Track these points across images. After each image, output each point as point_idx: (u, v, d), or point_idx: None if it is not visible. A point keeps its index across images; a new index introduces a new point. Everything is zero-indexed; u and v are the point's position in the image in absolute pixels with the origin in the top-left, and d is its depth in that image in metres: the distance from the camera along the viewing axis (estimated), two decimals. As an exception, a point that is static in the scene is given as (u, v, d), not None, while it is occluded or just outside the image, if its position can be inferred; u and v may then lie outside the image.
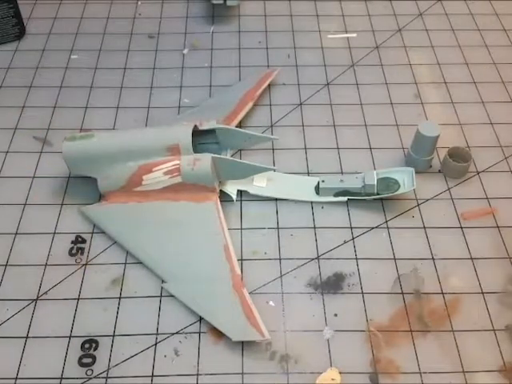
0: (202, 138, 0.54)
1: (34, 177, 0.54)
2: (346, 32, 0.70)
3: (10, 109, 0.60)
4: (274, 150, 0.56)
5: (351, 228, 0.50)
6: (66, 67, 0.65)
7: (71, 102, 0.61)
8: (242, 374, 0.42)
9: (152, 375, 0.42)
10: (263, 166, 0.50)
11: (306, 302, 0.46)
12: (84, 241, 0.49)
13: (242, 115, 0.57)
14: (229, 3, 0.69)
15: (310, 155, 0.56)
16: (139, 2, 0.74)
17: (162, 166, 0.49)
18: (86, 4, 0.73)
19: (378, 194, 0.51)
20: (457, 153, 0.54)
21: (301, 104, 0.61)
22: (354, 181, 0.51)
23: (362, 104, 0.61)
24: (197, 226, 0.49)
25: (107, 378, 0.42)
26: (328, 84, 0.63)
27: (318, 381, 0.42)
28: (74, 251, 0.49)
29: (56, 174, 0.54)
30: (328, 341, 0.44)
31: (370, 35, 0.69)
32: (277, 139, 0.55)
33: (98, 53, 0.67)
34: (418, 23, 0.71)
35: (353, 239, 0.50)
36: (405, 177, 0.51)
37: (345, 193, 0.52)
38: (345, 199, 0.52)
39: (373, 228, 0.50)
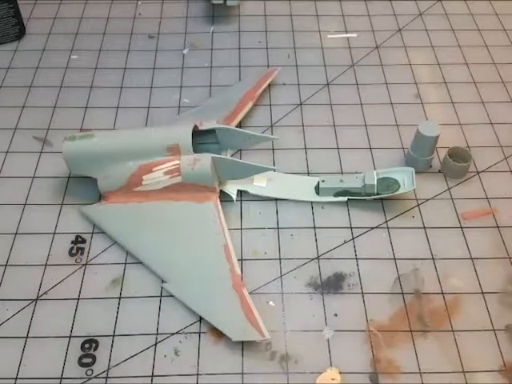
0: (201, 138, 0.54)
1: (34, 177, 0.54)
2: (346, 32, 0.70)
3: (9, 109, 0.60)
4: (273, 149, 0.56)
5: (351, 228, 0.50)
6: (66, 67, 0.65)
7: (71, 102, 0.61)
8: (242, 373, 0.42)
9: (152, 375, 0.42)
10: (263, 166, 0.50)
11: (306, 301, 0.46)
12: (84, 241, 0.49)
13: (241, 115, 0.57)
14: (229, 3, 0.69)
15: (310, 155, 0.56)
16: (139, 2, 0.74)
17: (162, 166, 0.49)
18: (86, 4, 0.73)
19: (378, 194, 0.51)
20: (457, 153, 0.54)
21: (301, 104, 0.61)
22: (354, 181, 0.51)
23: (362, 104, 0.61)
24: (197, 225, 0.48)
25: (107, 378, 0.42)
26: (328, 84, 0.63)
27: (318, 381, 0.42)
28: (73, 251, 0.49)
29: (56, 174, 0.54)
30: (328, 341, 0.44)
31: (370, 35, 0.69)
32: (277, 139, 0.55)
33: (97, 53, 0.67)
34: (418, 23, 0.71)
35: (353, 239, 0.50)
36: (405, 177, 0.51)
37: (345, 193, 0.52)
38: (345, 199, 0.52)
39: (373, 228, 0.50)
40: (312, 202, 0.52)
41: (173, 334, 0.44)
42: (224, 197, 0.51)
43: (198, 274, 0.46)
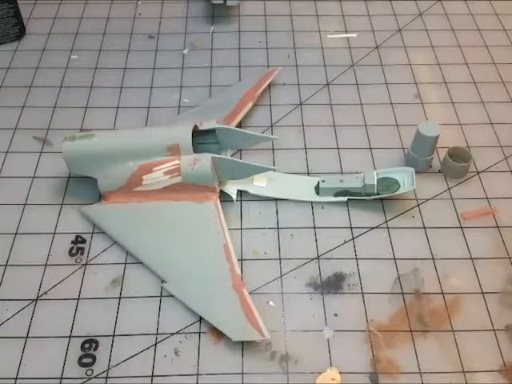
0: (201, 138, 0.54)
1: (34, 177, 0.54)
2: (346, 32, 0.70)
3: (9, 109, 0.60)
4: (273, 149, 0.56)
5: (351, 228, 0.50)
6: (66, 67, 0.65)
7: (71, 102, 0.61)
8: (242, 374, 0.42)
9: (152, 375, 0.42)
10: (263, 166, 0.50)
11: (306, 301, 0.46)
12: (84, 241, 0.49)
13: (241, 115, 0.57)
14: (229, 3, 0.69)
15: (310, 155, 0.56)
16: (139, 2, 0.74)
17: (162, 166, 0.49)
18: (86, 4, 0.73)
19: (378, 194, 0.51)
20: (457, 153, 0.54)
21: (301, 104, 0.61)
22: (354, 181, 0.51)
23: (362, 104, 0.61)
24: (197, 225, 0.48)
25: (107, 378, 0.42)
26: (328, 84, 0.63)
27: (318, 381, 0.42)
28: (74, 251, 0.49)
29: (56, 174, 0.54)
30: (328, 341, 0.44)
31: (370, 35, 0.69)
32: (277, 139, 0.55)
33: (97, 53, 0.67)
34: (418, 23, 0.71)
35: (353, 239, 0.50)
36: (405, 177, 0.51)
37: (345, 193, 0.52)
38: (345, 199, 0.52)
39: (373, 228, 0.50)
40: (312, 202, 0.52)
41: (173, 333, 0.44)
42: (224, 197, 0.51)
43: (198, 274, 0.46)
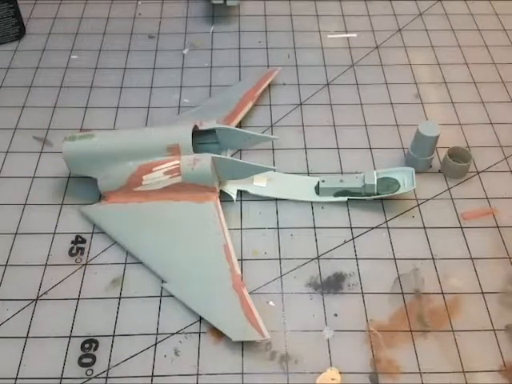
0: (201, 138, 0.54)
1: (34, 177, 0.54)
2: (346, 32, 0.70)
3: (9, 109, 0.60)
4: (273, 149, 0.56)
5: (351, 228, 0.50)
6: (66, 67, 0.65)
7: (71, 102, 0.61)
8: (242, 373, 0.42)
9: (152, 375, 0.42)
10: (263, 166, 0.50)
11: (306, 301, 0.46)
12: (84, 241, 0.49)
13: (241, 115, 0.57)
14: (229, 3, 0.69)
15: (310, 155, 0.56)
16: (139, 2, 0.74)
17: (162, 166, 0.49)
18: (86, 4, 0.73)
19: (378, 194, 0.51)
20: (457, 153, 0.54)
21: (301, 104, 0.61)
22: (354, 181, 0.51)
23: (362, 104, 0.61)
24: (197, 225, 0.48)
25: (107, 378, 0.42)
26: (328, 84, 0.63)
27: (318, 381, 0.42)
28: (73, 251, 0.49)
29: (56, 174, 0.54)
30: (328, 341, 0.44)
31: (370, 35, 0.69)
32: (277, 139, 0.55)
33: (97, 53, 0.67)
34: (418, 23, 0.71)
35: (353, 239, 0.50)
36: (405, 177, 0.51)
37: (345, 193, 0.52)
38: (345, 199, 0.52)
39: (373, 228, 0.50)
40: (312, 202, 0.52)
41: (173, 333, 0.44)
42: (224, 197, 0.51)
43: (197, 274, 0.46)
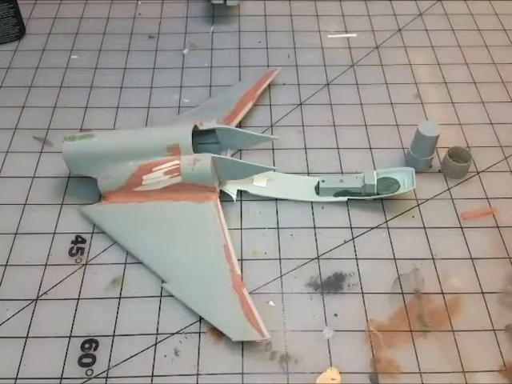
0: (201, 138, 0.54)
1: (34, 177, 0.54)
2: (346, 32, 0.70)
3: (9, 109, 0.60)
4: (273, 149, 0.56)
5: (351, 228, 0.50)
6: (66, 67, 0.65)
7: (71, 102, 0.61)
8: (242, 373, 0.42)
9: (152, 375, 0.42)
10: (263, 166, 0.50)
11: (306, 301, 0.46)
12: (84, 241, 0.49)
13: (241, 115, 0.57)
14: (229, 3, 0.69)
15: (310, 155, 0.56)
16: (139, 2, 0.74)
17: (162, 166, 0.49)
18: (86, 4, 0.73)
19: (378, 194, 0.51)
20: (457, 153, 0.54)
21: (301, 104, 0.61)
22: (354, 181, 0.51)
23: (362, 104, 0.61)
24: (197, 225, 0.48)
25: (107, 378, 0.42)
26: (328, 84, 0.63)
27: (318, 381, 0.42)
28: (74, 251, 0.49)
29: (56, 174, 0.54)
30: (328, 341, 0.44)
31: (370, 35, 0.69)
32: (277, 139, 0.55)
33: (97, 53, 0.67)
34: (418, 23, 0.71)
35: (353, 239, 0.50)
36: (405, 177, 0.51)
37: (345, 193, 0.52)
38: (345, 199, 0.52)
39: (373, 228, 0.50)
40: (312, 202, 0.52)
41: (173, 333, 0.44)
42: (224, 197, 0.51)
43: (197, 274, 0.46)
